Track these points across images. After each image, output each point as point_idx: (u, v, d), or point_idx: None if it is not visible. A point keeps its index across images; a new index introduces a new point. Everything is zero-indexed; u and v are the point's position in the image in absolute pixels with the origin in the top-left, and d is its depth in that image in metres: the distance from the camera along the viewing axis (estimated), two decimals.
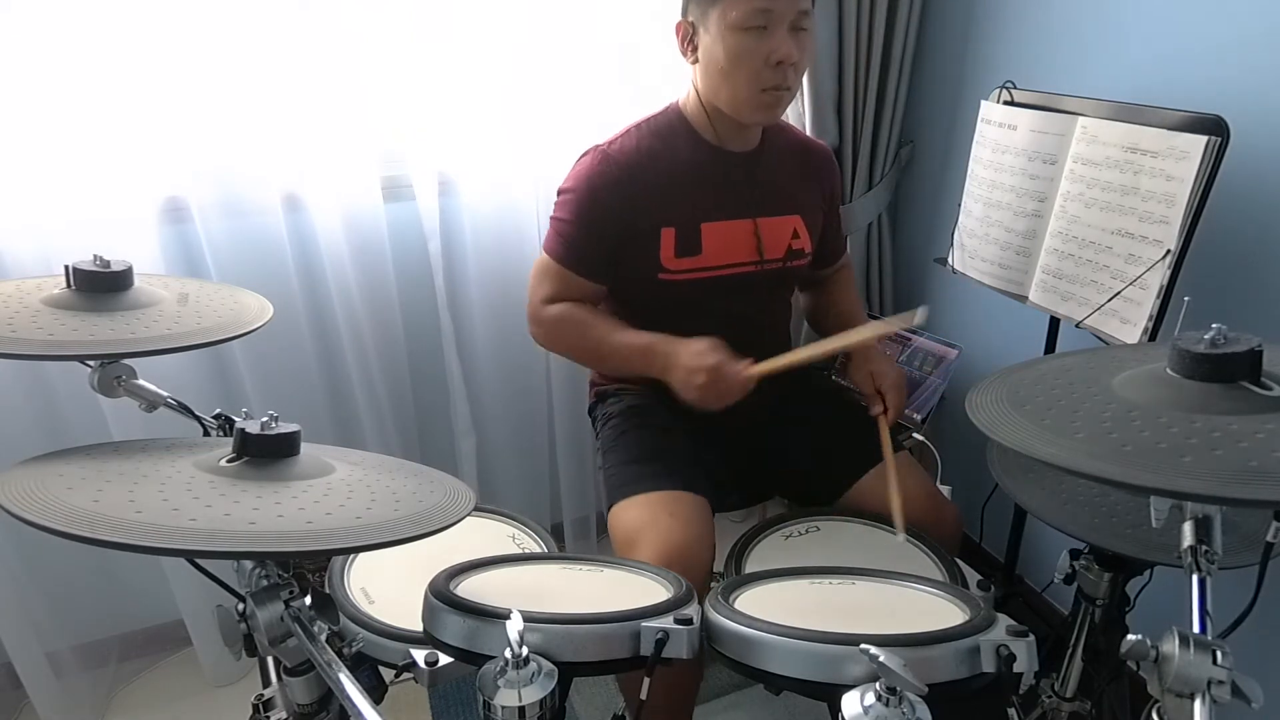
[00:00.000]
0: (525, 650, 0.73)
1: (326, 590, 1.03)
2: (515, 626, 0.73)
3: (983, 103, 1.47)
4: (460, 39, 1.58)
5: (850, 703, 0.67)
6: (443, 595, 0.83)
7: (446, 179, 1.67)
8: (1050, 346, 1.49)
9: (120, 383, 1.01)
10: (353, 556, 1.11)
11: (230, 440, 0.79)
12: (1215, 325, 0.70)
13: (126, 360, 1.00)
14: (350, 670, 0.72)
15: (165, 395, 1.05)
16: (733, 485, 1.40)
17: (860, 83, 1.77)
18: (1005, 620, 0.80)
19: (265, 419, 0.79)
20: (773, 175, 1.36)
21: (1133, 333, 1.20)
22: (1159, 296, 1.16)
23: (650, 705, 0.82)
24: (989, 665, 0.76)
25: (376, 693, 0.93)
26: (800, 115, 1.77)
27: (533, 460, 1.95)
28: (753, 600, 0.92)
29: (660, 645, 0.80)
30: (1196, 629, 0.64)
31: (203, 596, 1.65)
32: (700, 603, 0.88)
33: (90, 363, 0.99)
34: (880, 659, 0.64)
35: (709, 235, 1.30)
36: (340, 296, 1.62)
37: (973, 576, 1.15)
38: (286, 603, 0.76)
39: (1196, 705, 0.60)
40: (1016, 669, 0.76)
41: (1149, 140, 1.17)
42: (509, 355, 1.82)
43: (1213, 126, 1.10)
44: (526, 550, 1.16)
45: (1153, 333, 1.17)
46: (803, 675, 0.76)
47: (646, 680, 0.81)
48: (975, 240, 1.49)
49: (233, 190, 1.51)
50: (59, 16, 1.32)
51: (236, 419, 0.82)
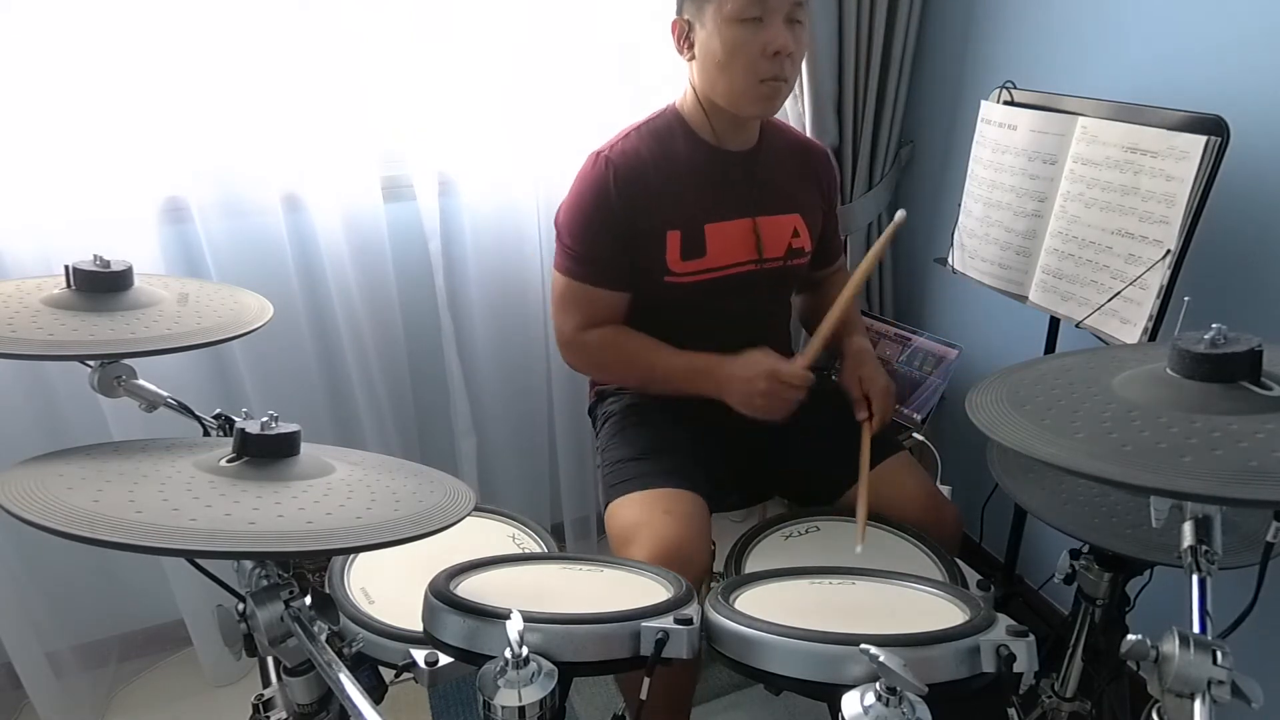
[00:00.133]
0: (525, 650, 0.73)
1: (326, 590, 1.03)
2: (515, 626, 0.73)
3: (983, 103, 1.47)
4: (460, 39, 1.58)
5: (850, 703, 0.67)
6: (443, 595, 0.83)
7: (446, 179, 1.67)
8: (1050, 346, 1.49)
9: (120, 383, 1.01)
10: (353, 556, 1.11)
11: (230, 440, 0.79)
12: (1215, 325, 0.70)
13: (126, 360, 1.00)
14: (350, 670, 0.72)
15: (165, 395, 1.05)
16: (732, 485, 1.40)
17: (860, 83, 1.77)
18: (1005, 620, 0.80)
19: (265, 419, 0.79)
20: (771, 174, 1.37)
21: (1133, 333, 1.20)
22: (1159, 296, 1.16)
23: (650, 705, 0.82)
24: (989, 665, 0.76)
25: (376, 693, 0.93)
26: (800, 115, 1.78)
27: (533, 460, 1.95)
28: (753, 600, 0.92)
29: (660, 645, 0.80)
30: (1196, 629, 0.64)
31: (203, 596, 1.65)
32: (699, 601, 0.88)
33: (90, 363, 0.99)
34: (880, 659, 0.64)
35: (712, 236, 1.30)
36: (340, 296, 1.62)
37: (973, 576, 1.15)
38: (286, 603, 0.76)
39: (1196, 705, 0.60)
40: (1016, 669, 0.76)
41: (1149, 140, 1.17)
42: (509, 355, 1.82)
43: (1213, 126, 1.10)
44: (526, 550, 1.16)
45: (1153, 333, 1.17)
46: (803, 675, 0.76)
47: (646, 680, 0.81)
48: (975, 240, 1.49)
49: (233, 190, 1.51)
50: (59, 16, 1.32)
51: (236, 419, 0.83)
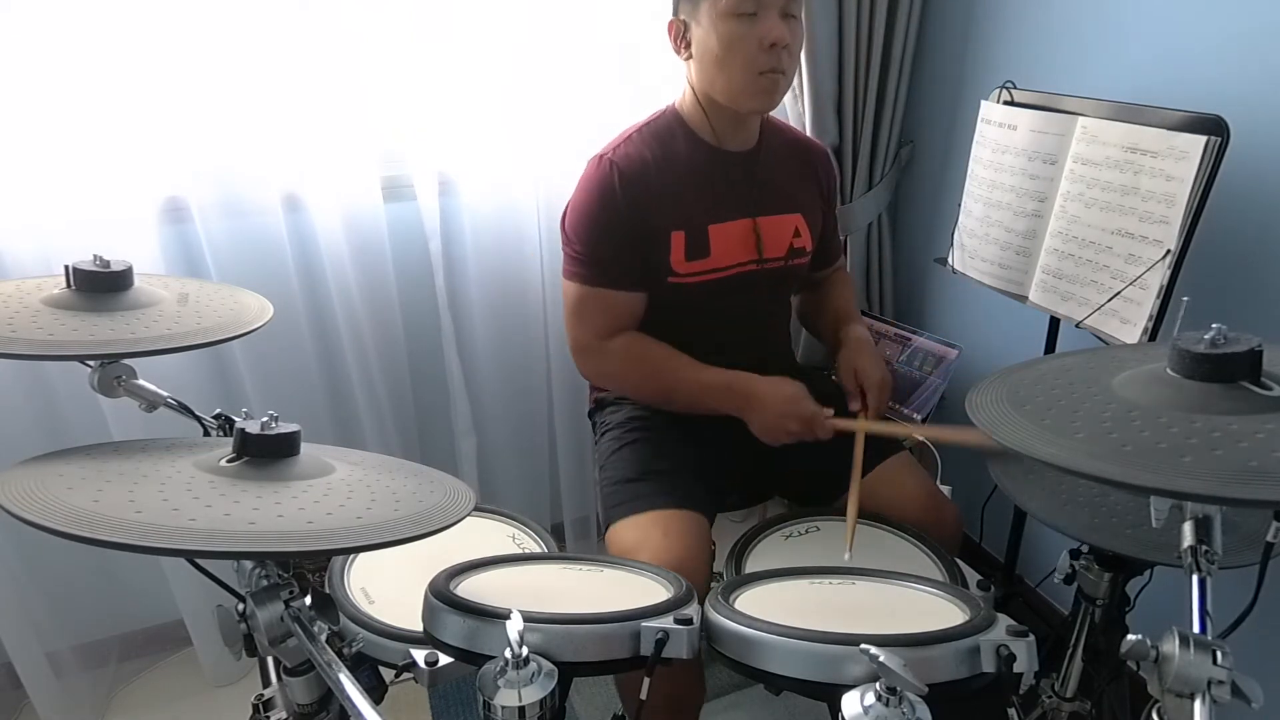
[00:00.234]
0: (525, 650, 0.73)
1: (326, 590, 1.03)
2: (515, 626, 0.73)
3: (983, 103, 1.47)
4: (460, 39, 1.58)
5: (850, 703, 0.67)
6: (443, 595, 0.83)
7: (446, 179, 1.67)
8: (1050, 346, 1.49)
9: (120, 383, 1.01)
10: (353, 556, 1.11)
11: (230, 440, 0.79)
12: (1215, 325, 0.70)
13: (126, 360, 1.00)
14: (350, 670, 0.72)
15: (165, 395, 1.05)
16: (733, 485, 1.40)
17: (860, 83, 1.77)
18: (1005, 620, 0.80)
19: (265, 419, 0.79)
20: (771, 174, 1.36)
21: (1133, 333, 1.20)
22: (1159, 296, 1.16)
23: (650, 705, 0.82)
24: (989, 665, 0.76)
25: (376, 693, 0.93)
26: (800, 115, 1.78)
27: (533, 460, 1.95)
28: (753, 600, 0.92)
29: (660, 645, 0.80)
30: (1196, 629, 0.64)
31: (203, 596, 1.65)
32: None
33: (90, 363, 0.99)
34: (880, 659, 0.64)
35: (715, 236, 1.30)
36: (340, 296, 1.62)
37: (973, 576, 1.15)
38: (286, 603, 0.76)
39: (1196, 705, 0.60)
40: (1016, 669, 0.76)
41: (1149, 140, 1.17)
42: (509, 355, 1.82)
43: (1213, 126, 1.10)
44: (526, 550, 1.16)
45: (1153, 333, 1.17)
46: (803, 675, 0.76)
47: (646, 680, 0.81)
48: (975, 240, 1.49)
49: (233, 190, 1.51)
50: (59, 17, 1.32)
51: (236, 419, 0.82)
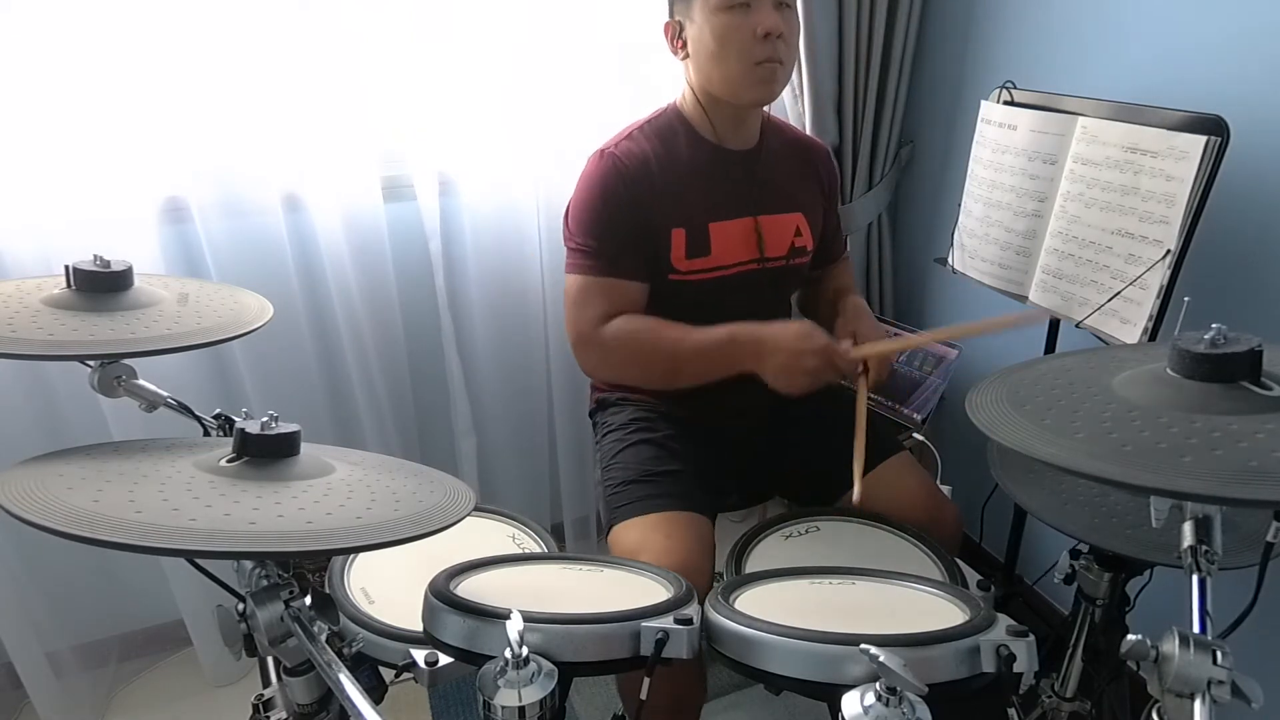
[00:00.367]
0: (525, 650, 0.73)
1: (326, 590, 1.03)
2: (515, 626, 0.73)
3: (983, 103, 1.47)
4: (460, 39, 1.58)
5: (850, 703, 0.67)
6: (443, 595, 0.83)
7: (446, 179, 1.67)
8: (1050, 346, 1.49)
9: (120, 383, 1.01)
10: (353, 556, 1.10)
11: (230, 440, 0.79)
12: (1215, 325, 0.70)
13: (126, 360, 1.00)
14: (350, 670, 0.72)
15: (165, 395, 1.05)
16: (733, 485, 1.40)
17: (860, 83, 1.77)
18: (1005, 620, 0.80)
19: (265, 419, 0.79)
20: (772, 173, 1.36)
21: (1133, 333, 1.20)
22: (1159, 296, 1.16)
23: (651, 705, 0.82)
24: (989, 665, 0.76)
25: (376, 693, 0.93)
26: (800, 115, 1.78)
27: (533, 460, 1.95)
28: (753, 600, 0.92)
29: (660, 645, 0.80)
30: (1196, 629, 0.64)
31: (203, 596, 1.65)
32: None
33: (90, 363, 0.99)
34: (880, 659, 0.64)
35: (716, 235, 1.30)
36: (340, 296, 1.62)
37: (973, 576, 1.14)
38: (286, 603, 0.76)
39: (1196, 705, 0.60)
40: (1016, 669, 0.76)
41: (1149, 140, 1.16)
42: (509, 355, 1.82)
43: (1213, 126, 1.10)
44: (526, 550, 1.16)
45: (1153, 333, 1.17)
46: (803, 675, 0.76)
47: (646, 680, 0.81)
48: (975, 240, 1.49)
49: (233, 190, 1.51)
50: (59, 17, 1.32)
51: (236, 419, 0.82)
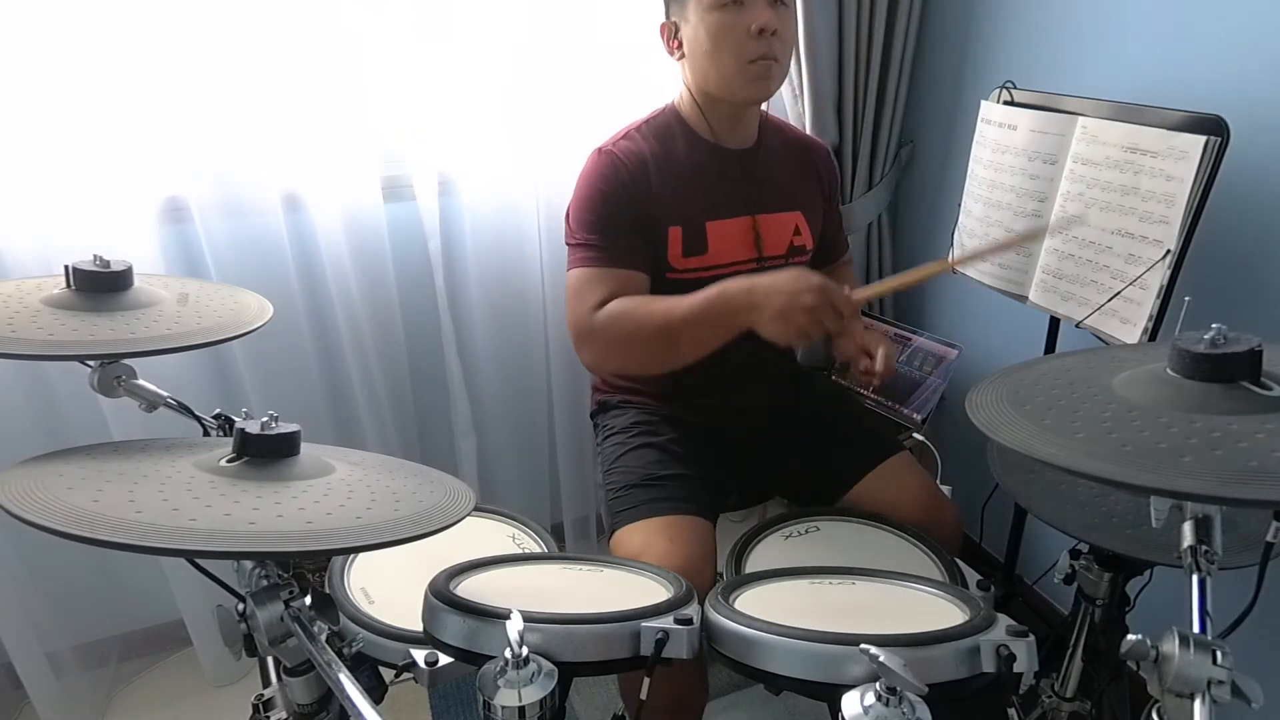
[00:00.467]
0: (525, 650, 0.73)
1: (326, 590, 1.03)
2: (515, 626, 0.73)
3: (983, 103, 1.47)
4: (460, 39, 1.58)
5: (850, 703, 0.67)
6: (443, 595, 0.83)
7: (446, 179, 1.67)
8: (1050, 346, 1.49)
9: (120, 383, 1.01)
10: (353, 556, 1.10)
11: (230, 440, 0.79)
12: (1215, 325, 0.69)
13: (126, 360, 1.00)
14: (350, 670, 0.72)
15: (165, 395, 1.05)
16: (733, 485, 1.40)
17: (860, 83, 1.77)
18: (1005, 620, 0.80)
19: (265, 419, 0.79)
20: (771, 172, 1.37)
21: (1133, 333, 1.20)
22: (1159, 296, 1.16)
23: (652, 706, 0.82)
24: (989, 665, 0.76)
25: (376, 693, 0.93)
26: (800, 115, 1.78)
27: (533, 460, 1.95)
28: (753, 600, 0.92)
29: (660, 645, 0.80)
30: (1196, 629, 0.64)
31: (203, 596, 1.65)
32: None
33: (90, 363, 0.99)
34: (880, 659, 0.64)
35: (713, 233, 1.30)
36: (340, 296, 1.62)
37: (973, 576, 1.14)
38: (286, 603, 0.76)
39: (1196, 705, 0.60)
40: (1016, 669, 0.76)
41: (1149, 140, 1.16)
42: (509, 355, 1.82)
43: (1213, 126, 1.10)
44: (526, 550, 1.16)
45: (1153, 333, 1.17)
46: (803, 675, 0.76)
47: (646, 680, 0.81)
48: (975, 240, 1.49)
49: (233, 190, 1.51)
50: (59, 17, 1.32)
51: (236, 419, 0.82)
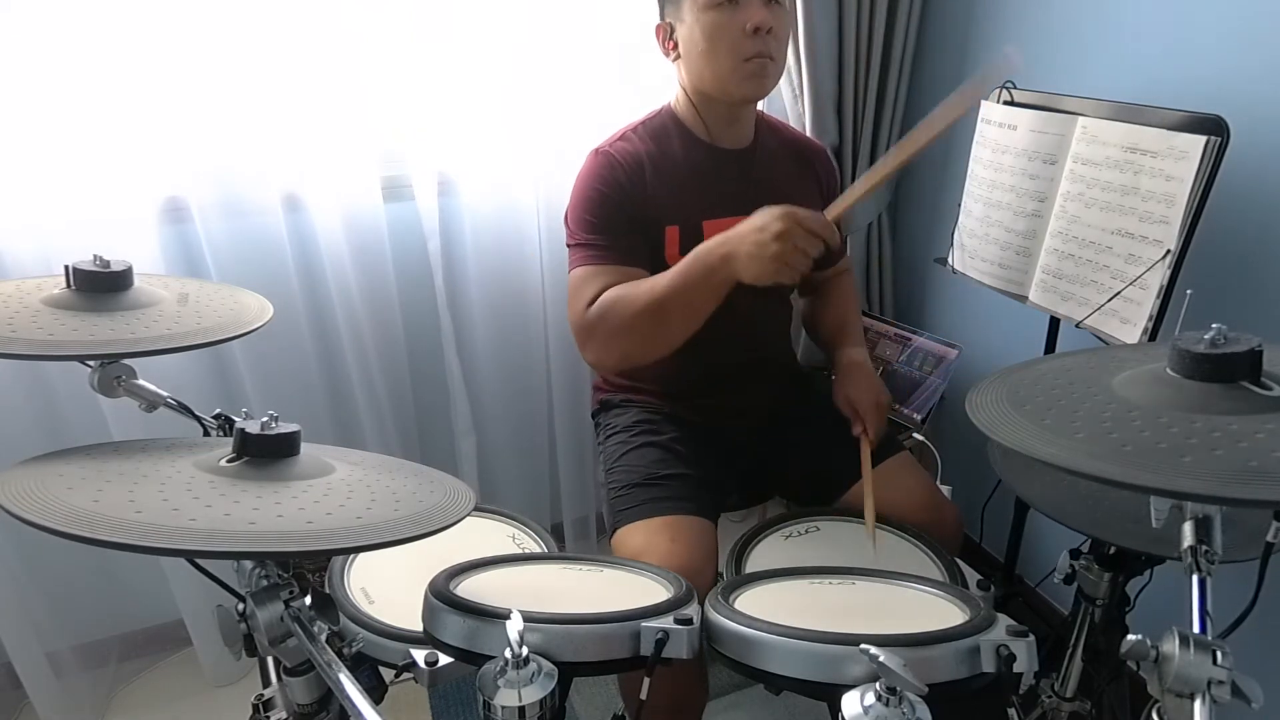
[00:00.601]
0: (525, 650, 0.73)
1: (326, 590, 1.03)
2: (515, 626, 0.73)
3: (983, 103, 1.47)
4: (460, 39, 1.58)
5: (850, 703, 0.67)
6: (443, 595, 0.83)
7: (446, 179, 1.67)
8: (1050, 346, 1.49)
9: (120, 383, 1.01)
10: (353, 556, 1.11)
11: (230, 440, 0.79)
12: (1215, 325, 0.70)
13: (126, 360, 1.00)
14: (350, 670, 0.72)
15: (165, 395, 1.05)
16: (733, 485, 1.40)
17: (860, 83, 1.77)
18: (1005, 620, 0.80)
19: (265, 419, 0.79)
20: (768, 173, 1.37)
21: (1133, 333, 1.20)
22: (1159, 296, 1.16)
23: (652, 706, 0.82)
24: (989, 665, 0.76)
25: (376, 693, 0.93)
26: (800, 115, 1.77)
27: (533, 460, 1.95)
28: (753, 600, 0.92)
29: (660, 645, 0.80)
30: (1196, 629, 0.64)
31: (203, 596, 1.65)
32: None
33: (90, 363, 0.99)
34: (880, 659, 0.64)
35: (710, 233, 1.30)
36: (340, 296, 1.62)
37: (973, 576, 1.14)
38: (286, 603, 0.76)
39: (1196, 705, 0.60)
40: (1016, 669, 0.76)
41: (1149, 140, 1.16)
42: (509, 355, 1.82)
43: (1213, 126, 1.10)
44: (526, 550, 1.16)
45: (1153, 333, 1.17)
46: (803, 675, 0.76)
47: (646, 680, 0.81)
48: (975, 240, 1.49)
49: (233, 190, 1.51)
50: (59, 17, 1.32)
51: (236, 419, 0.82)
